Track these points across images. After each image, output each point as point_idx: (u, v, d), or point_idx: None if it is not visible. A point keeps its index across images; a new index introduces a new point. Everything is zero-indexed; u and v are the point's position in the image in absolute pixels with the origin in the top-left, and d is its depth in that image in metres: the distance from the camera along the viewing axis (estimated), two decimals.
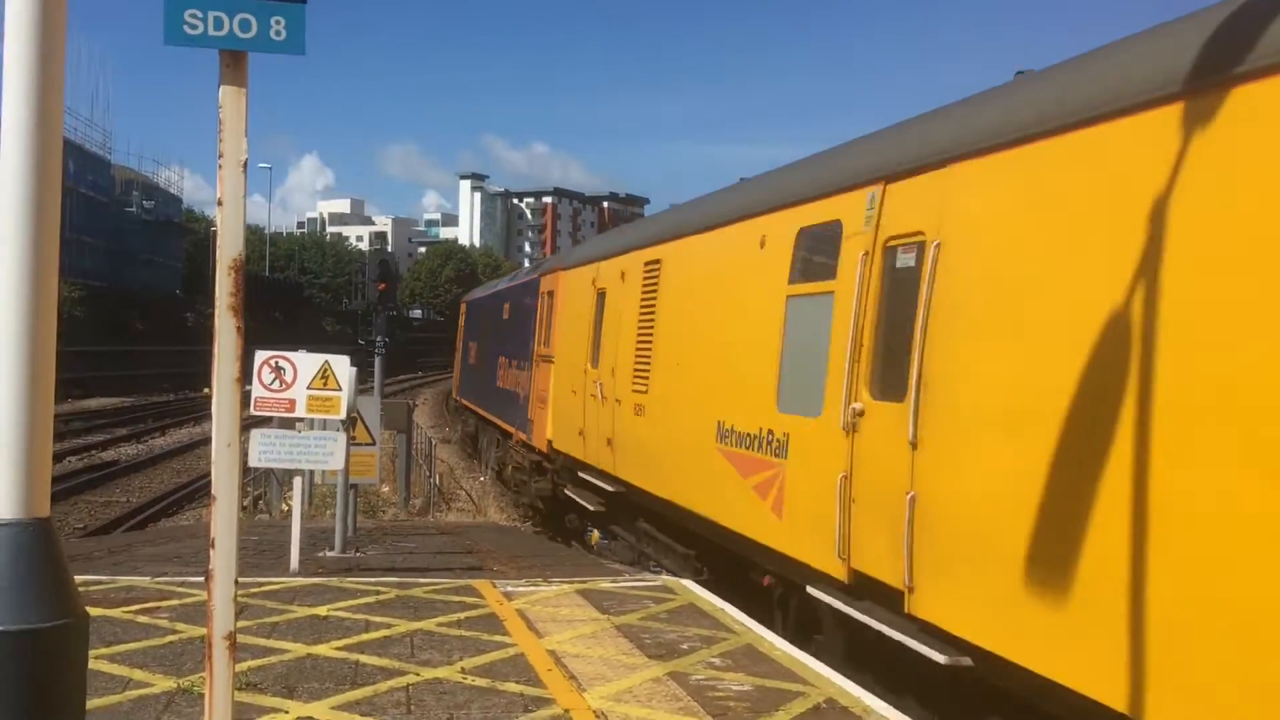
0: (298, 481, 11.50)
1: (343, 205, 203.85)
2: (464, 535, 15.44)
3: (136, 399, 52.93)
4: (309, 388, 10.76)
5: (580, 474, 15.62)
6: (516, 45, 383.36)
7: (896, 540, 6.87)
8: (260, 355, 10.72)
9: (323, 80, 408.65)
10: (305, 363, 10.82)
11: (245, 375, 4.67)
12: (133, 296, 70.62)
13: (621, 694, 6.76)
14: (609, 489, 13.90)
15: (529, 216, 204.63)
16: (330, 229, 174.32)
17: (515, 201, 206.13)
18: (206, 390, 4.55)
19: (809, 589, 8.09)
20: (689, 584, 10.60)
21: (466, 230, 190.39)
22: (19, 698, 3.30)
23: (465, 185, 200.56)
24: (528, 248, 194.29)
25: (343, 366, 10.91)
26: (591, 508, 14.77)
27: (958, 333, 6.58)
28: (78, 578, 9.97)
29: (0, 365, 3.46)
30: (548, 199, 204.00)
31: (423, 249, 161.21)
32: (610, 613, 9.05)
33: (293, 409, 10.80)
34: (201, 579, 8.53)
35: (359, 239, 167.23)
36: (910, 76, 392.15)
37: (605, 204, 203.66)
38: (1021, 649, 5.76)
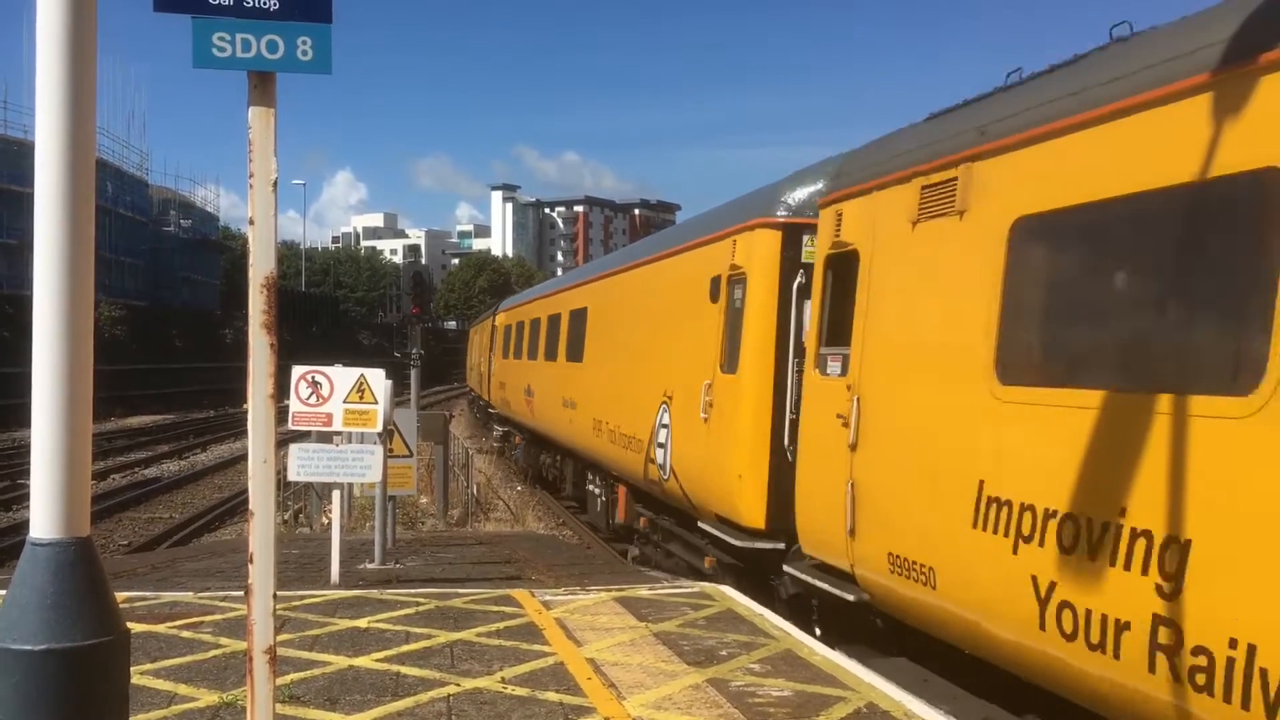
0: (336, 495, 11.57)
1: (376, 219, 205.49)
2: (502, 545, 15.49)
3: (178, 416, 53.57)
4: (345, 401, 10.84)
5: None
6: (545, 55, 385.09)
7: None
8: (297, 370, 10.81)
9: (355, 96, 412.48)
10: (341, 377, 10.90)
11: (282, 391, 4.71)
12: (172, 314, 71.55)
13: (661, 701, 6.76)
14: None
15: (561, 226, 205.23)
16: (364, 243, 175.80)
17: (547, 211, 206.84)
18: (245, 406, 4.60)
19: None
20: (727, 590, 10.56)
21: (499, 241, 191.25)
22: (61, 715, 3.35)
23: (497, 196, 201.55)
24: (560, 257, 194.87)
25: (378, 379, 10.98)
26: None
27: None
28: (123, 594, 10.07)
29: (38, 388, 3.52)
30: (579, 208, 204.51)
31: (456, 260, 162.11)
32: (648, 620, 9.04)
33: (330, 423, 10.89)
34: (244, 593, 8.64)
35: (393, 252, 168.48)
36: (935, 78, 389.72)
37: (637, 211, 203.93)
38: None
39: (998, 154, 6.90)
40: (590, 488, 18.77)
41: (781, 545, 10.08)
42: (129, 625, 3.73)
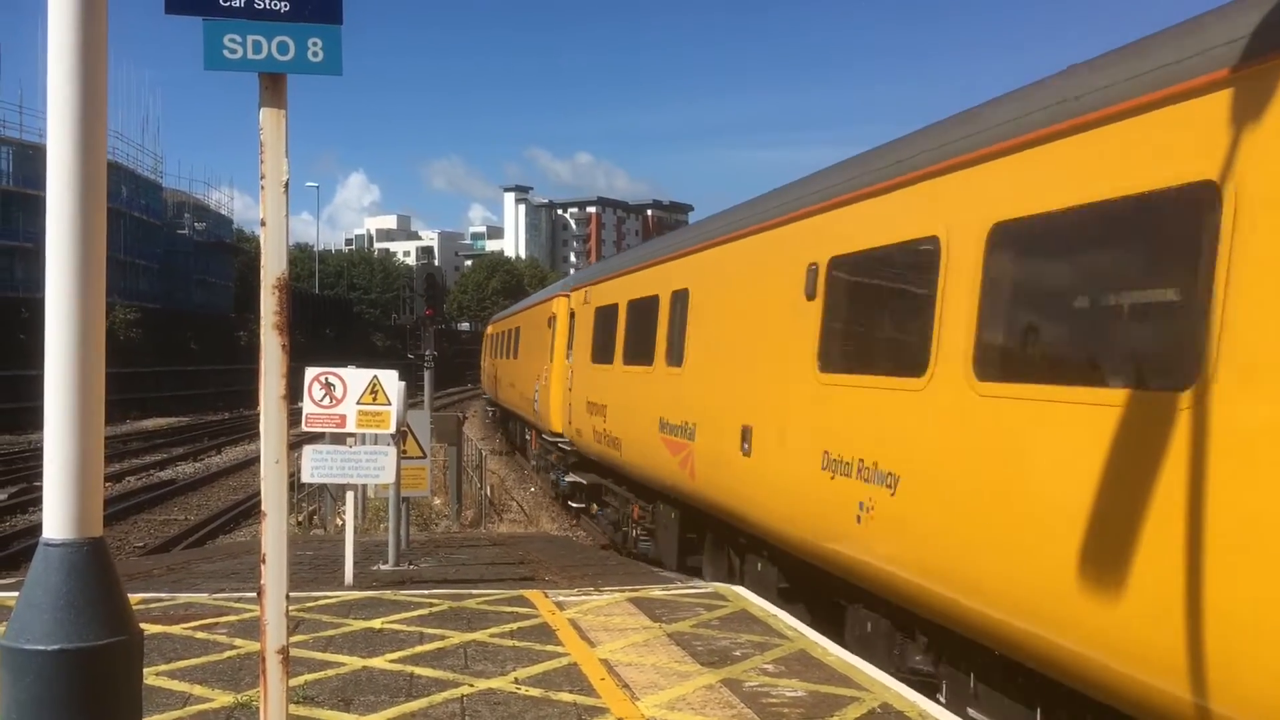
0: (350, 496, 11.60)
1: (389, 221, 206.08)
2: (516, 546, 15.50)
3: (192, 418, 53.82)
4: (359, 403, 10.85)
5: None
6: (557, 56, 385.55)
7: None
8: (310, 372, 10.83)
9: (368, 99, 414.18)
10: (355, 378, 10.92)
11: (295, 392, 4.72)
12: (186, 317, 71.86)
13: (675, 702, 6.75)
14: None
15: (573, 227, 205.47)
16: (378, 245, 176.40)
17: (560, 212, 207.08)
18: (259, 408, 4.60)
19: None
20: (741, 590, 10.55)
21: (512, 242, 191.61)
22: (74, 715, 3.36)
23: (510, 198, 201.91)
24: (573, 258, 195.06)
25: (391, 381, 11.00)
26: None
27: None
28: (138, 595, 10.11)
29: (50, 390, 3.53)
30: (592, 209, 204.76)
31: (469, 262, 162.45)
32: (662, 621, 9.03)
33: (343, 424, 10.90)
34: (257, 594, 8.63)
35: (406, 254, 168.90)
36: (943, 75, 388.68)
37: (649, 212, 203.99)
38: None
39: (597, 283, 18.23)
40: (526, 436, 31.50)
41: (567, 438, 20.50)
42: (145, 626, 3.73)
